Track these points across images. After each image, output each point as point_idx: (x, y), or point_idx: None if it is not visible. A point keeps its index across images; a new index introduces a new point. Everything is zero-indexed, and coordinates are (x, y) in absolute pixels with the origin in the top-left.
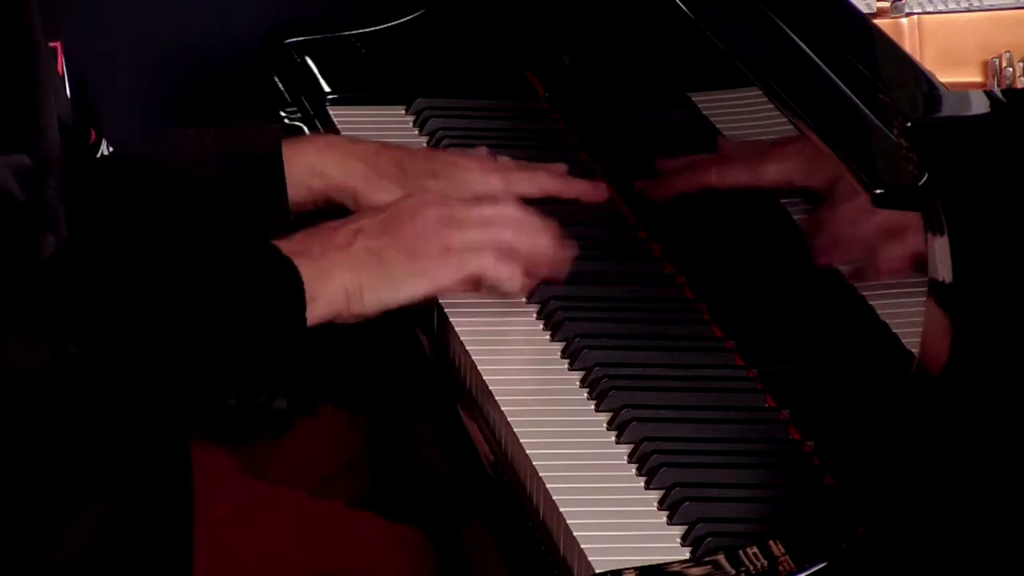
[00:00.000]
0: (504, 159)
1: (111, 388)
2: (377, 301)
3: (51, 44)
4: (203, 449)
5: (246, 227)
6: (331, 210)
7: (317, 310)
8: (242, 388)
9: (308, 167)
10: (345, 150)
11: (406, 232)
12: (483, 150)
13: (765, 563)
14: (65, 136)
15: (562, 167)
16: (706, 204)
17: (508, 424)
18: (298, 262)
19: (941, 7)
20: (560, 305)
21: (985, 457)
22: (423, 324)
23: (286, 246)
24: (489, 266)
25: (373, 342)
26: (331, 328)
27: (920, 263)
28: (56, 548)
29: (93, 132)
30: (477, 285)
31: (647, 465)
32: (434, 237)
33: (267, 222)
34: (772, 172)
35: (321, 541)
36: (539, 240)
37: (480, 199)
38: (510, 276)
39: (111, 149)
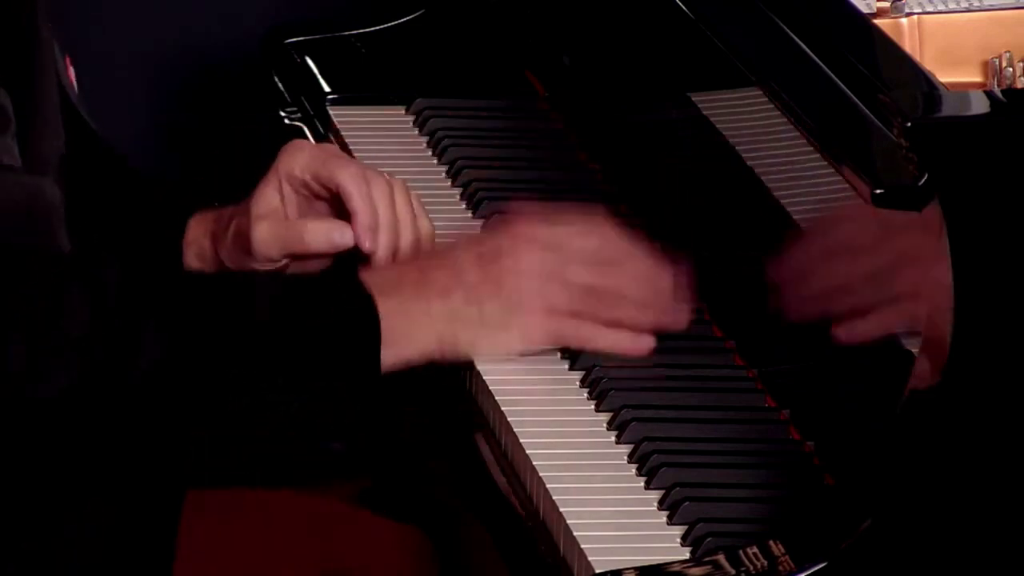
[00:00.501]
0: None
1: (139, 407)
2: (471, 351)
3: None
4: None
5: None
6: None
7: (402, 352)
8: (301, 424)
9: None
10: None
11: (507, 280)
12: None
13: (765, 563)
14: (77, 138)
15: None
16: (707, 205)
17: (508, 424)
18: (382, 301)
19: (941, 7)
20: None
21: (985, 457)
22: None
23: (374, 279)
24: (589, 337)
25: None
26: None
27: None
28: (56, 549)
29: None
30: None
31: (647, 465)
32: (536, 294)
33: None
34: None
35: (320, 541)
36: (657, 317)
37: (592, 242)
38: (613, 344)
39: None
